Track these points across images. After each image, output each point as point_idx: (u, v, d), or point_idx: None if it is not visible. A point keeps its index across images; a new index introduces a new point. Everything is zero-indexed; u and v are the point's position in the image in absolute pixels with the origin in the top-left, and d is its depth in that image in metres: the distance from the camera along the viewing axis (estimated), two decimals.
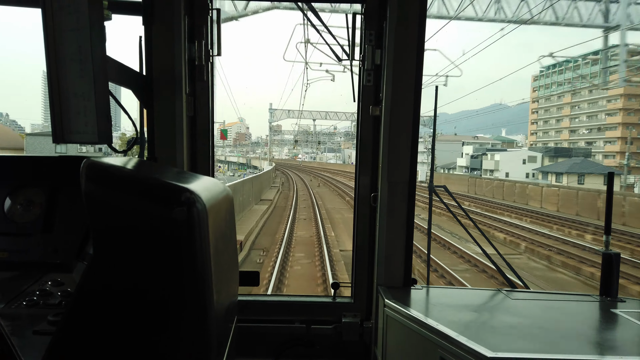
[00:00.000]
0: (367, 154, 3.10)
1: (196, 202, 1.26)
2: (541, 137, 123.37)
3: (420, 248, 17.52)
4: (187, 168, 2.95)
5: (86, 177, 1.27)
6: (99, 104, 1.73)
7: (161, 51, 2.77)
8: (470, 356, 1.92)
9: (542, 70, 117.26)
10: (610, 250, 2.85)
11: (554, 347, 2.04)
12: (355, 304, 3.17)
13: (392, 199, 2.92)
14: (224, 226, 1.69)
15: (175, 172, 2.09)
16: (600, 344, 2.19)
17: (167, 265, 1.31)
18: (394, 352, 2.65)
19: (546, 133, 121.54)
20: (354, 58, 3.05)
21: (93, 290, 1.32)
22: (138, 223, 1.30)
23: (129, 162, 1.59)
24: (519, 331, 2.20)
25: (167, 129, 2.83)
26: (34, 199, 2.09)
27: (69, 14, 1.67)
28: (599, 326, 2.46)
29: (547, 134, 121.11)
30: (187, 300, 1.33)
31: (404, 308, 2.52)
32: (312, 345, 3.10)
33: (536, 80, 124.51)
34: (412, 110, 2.86)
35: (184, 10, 2.79)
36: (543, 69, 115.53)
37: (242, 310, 2.96)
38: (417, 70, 2.83)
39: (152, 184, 1.37)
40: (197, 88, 2.98)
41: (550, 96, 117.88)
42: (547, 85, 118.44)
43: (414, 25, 2.79)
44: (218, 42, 3.02)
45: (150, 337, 1.34)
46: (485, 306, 2.72)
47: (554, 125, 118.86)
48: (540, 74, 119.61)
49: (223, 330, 1.70)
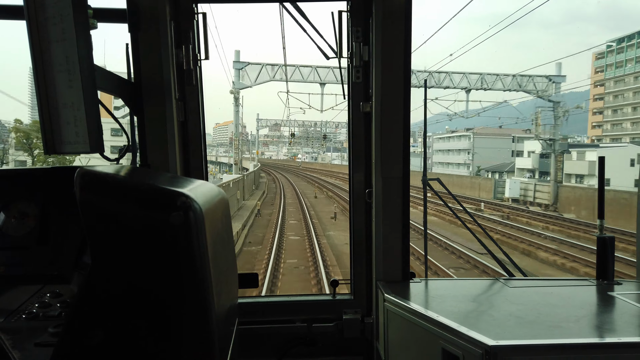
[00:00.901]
0: (360, 150, 3.11)
1: (192, 206, 1.26)
2: (609, 130, 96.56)
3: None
4: (180, 173, 2.95)
5: (81, 186, 1.27)
6: (89, 113, 1.72)
7: (149, 57, 2.76)
8: (472, 346, 1.94)
9: (611, 46, 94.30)
10: (604, 234, 2.88)
11: (554, 332, 2.06)
12: (355, 300, 3.18)
13: (387, 194, 2.93)
14: (220, 229, 1.70)
15: (169, 177, 2.09)
16: (598, 326, 2.21)
17: (166, 270, 1.31)
18: (396, 346, 2.66)
19: (617, 125, 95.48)
20: (342, 55, 3.06)
21: (93, 299, 1.32)
22: (135, 229, 1.30)
23: (123, 170, 1.59)
24: (518, 318, 2.22)
25: (159, 134, 2.83)
26: (28, 211, 2.08)
27: (55, 24, 1.66)
28: (597, 309, 2.49)
29: (619, 126, 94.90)
30: (188, 305, 1.34)
31: (404, 302, 2.53)
32: (315, 344, 3.11)
33: (600, 58, 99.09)
34: (403, 105, 2.87)
35: (170, 15, 2.78)
36: (612, 43, 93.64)
37: (243, 313, 2.96)
38: (405, 66, 2.84)
39: (148, 190, 1.37)
40: (187, 92, 2.98)
41: (622, 78, 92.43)
42: (620, 64, 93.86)
43: (400, 21, 2.80)
44: (205, 46, 3.02)
45: (153, 343, 1.34)
46: (484, 295, 2.74)
47: (629, 114, 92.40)
48: (608, 49, 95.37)
49: (225, 333, 1.70)
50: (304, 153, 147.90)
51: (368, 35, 2.93)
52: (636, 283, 2.95)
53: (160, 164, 2.84)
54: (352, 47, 2.98)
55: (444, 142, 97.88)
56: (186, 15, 2.91)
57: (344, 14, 2.98)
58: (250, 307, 3.12)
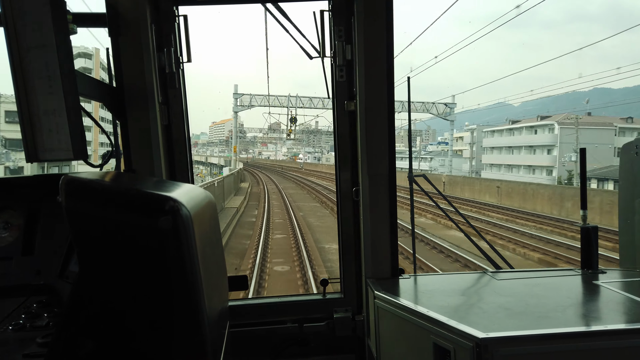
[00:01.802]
0: (346, 149, 3.12)
1: (180, 209, 1.26)
2: None
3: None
4: (166, 177, 2.93)
5: (66, 193, 1.25)
6: (72, 119, 1.70)
7: (130, 62, 2.73)
8: (463, 339, 1.96)
9: None
10: (587, 224, 2.94)
11: (542, 323, 2.09)
12: (346, 298, 3.20)
13: (374, 191, 2.94)
14: (209, 232, 1.69)
15: (155, 181, 2.08)
16: (585, 315, 2.26)
17: (156, 275, 1.30)
18: (387, 342, 2.68)
19: None
20: (325, 55, 3.07)
21: (82, 307, 1.30)
22: (123, 235, 1.29)
23: (108, 176, 1.58)
24: (507, 310, 2.25)
25: (143, 139, 2.80)
26: (12, 221, 2.04)
27: (33, 30, 1.64)
28: (583, 298, 2.53)
29: None
30: (179, 309, 1.33)
31: (394, 298, 2.55)
32: (307, 344, 3.11)
33: None
34: (387, 103, 2.89)
35: (150, 19, 2.76)
36: None
37: (234, 315, 2.95)
38: (388, 63, 2.86)
39: (135, 195, 1.36)
40: (170, 96, 2.96)
41: None
42: None
43: (382, 19, 2.82)
44: (187, 49, 3.00)
45: (145, 349, 1.33)
46: (473, 289, 2.77)
47: None
48: None
49: (217, 336, 1.70)
50: (305, 153, 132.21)
51: (351, 34, 2.94)
52: (620, 271, 3.01)
53: (145, 168, 2.82)
54: (335, 46, 2.98)
55: (499, 138, 75.63)
56: (167, 19, 2.89)
57: (325, 14, 2.98)
58: (241, 310, 3.11)
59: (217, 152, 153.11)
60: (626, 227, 3.21)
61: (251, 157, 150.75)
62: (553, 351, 1.94)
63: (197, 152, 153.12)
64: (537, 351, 1.94)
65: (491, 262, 3.33)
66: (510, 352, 1.91)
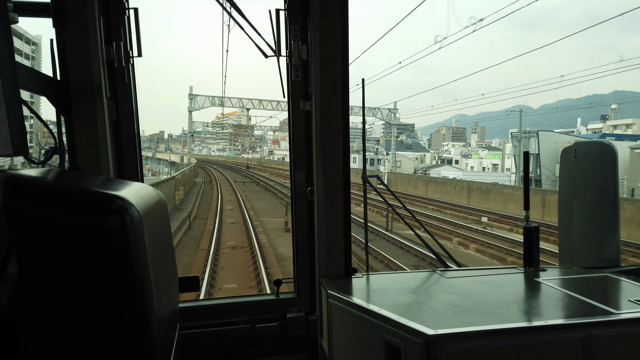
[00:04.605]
0: (301, 148, 3.12)
1: (129, 209, 1.22)
2: None
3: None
4: (114, 175, 2.82)
5: (5, 192, 1.18)
6: (11, 113, 1.61)
7: (76, 54, 2.62)
8: (413, 336, 2.01)
9: None
10: (530, 224, 3.09)
11: (488, 319, 2.18)
12: (299, 298, 3.20)
13: (328, 191, 2.97)
14: (159, 232, 1.64)
15: (102, 180, 2.00)
16: (527, 311, 2.37)
17: (102, 277, 1.25)
18: (339, 341, 2.70)
19: None
20: (280, 54, 3.06)
21: (21, 313, 1.24)
22: (67, 236, 1.23)
23: (51, 173, 1.50)
24: (455, 307, 2.33)
25: (89, 135, 2.69)
26: None
27: None
28: (525, 295, 2.66)
29: None
30: (127, 312, 1.28)
31: (346, 297, 2.57)
32: (259, 345, 3.09)
33: None
34: (342, 103, 2.92)
35: (98, 10, 2.65)
36: None
37: (185, 317, 2.88)
38: (343, 64, 2.89)
39: (80, 194, 1.30)
40: (119, 91, 2.85)
41: None
42: None
43: (338, 20, 2.84)
44: (138, 43, 2.90)
45: (92, 353, 1.28)
46: (423, 287, 2.85)
47: None
48: None
49: (166, 339, 1.65)
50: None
51: (306, 34, 2.94)
52: (559, 269, 3.19)
53: (91, 166, 2.70)
54: (291, 46, 2.98)
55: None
56: (116, 11, 2.78)
57: (281, 12, 2.97)
58: (192, 311, 3.05)
59: (215, 150, 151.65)
60: (565, 227, 3.40)
61: (259, 157, 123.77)
62: (498, 346, 2.03)
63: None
64: (483, 347, 2.02)
65: (440, 261, 3.43)
66: (457, 348, 1.98)
